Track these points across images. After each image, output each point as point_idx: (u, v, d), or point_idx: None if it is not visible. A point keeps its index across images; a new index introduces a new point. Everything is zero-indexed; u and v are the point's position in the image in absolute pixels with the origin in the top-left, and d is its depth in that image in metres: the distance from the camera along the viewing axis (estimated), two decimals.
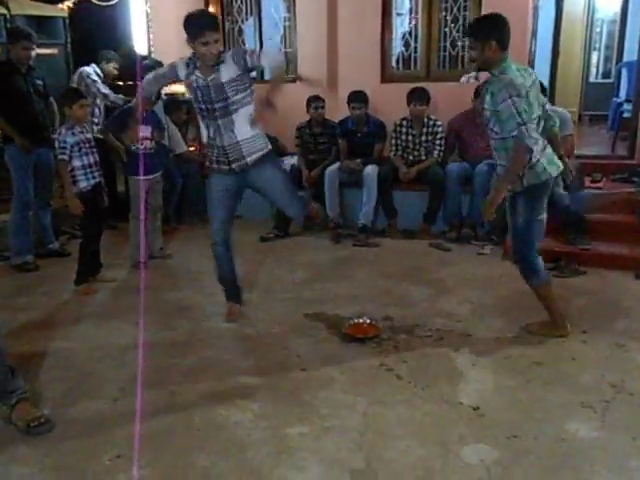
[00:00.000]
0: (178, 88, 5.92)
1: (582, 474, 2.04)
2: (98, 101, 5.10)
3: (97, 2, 6.03)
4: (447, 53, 5.47)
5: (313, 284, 3.93)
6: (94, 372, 2.82)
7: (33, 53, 4.19)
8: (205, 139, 3.20)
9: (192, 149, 5.67)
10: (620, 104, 6.21)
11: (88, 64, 5.24)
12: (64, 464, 2.16)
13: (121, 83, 6.37)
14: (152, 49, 6.14)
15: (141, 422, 2.34)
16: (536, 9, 5.15)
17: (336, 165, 5.04)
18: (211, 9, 6.28)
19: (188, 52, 3.04)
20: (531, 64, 5.22)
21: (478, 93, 4.73)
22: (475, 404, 2.47)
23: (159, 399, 2.56)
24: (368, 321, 3.22)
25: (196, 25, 2.89)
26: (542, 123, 2.90)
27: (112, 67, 5.28)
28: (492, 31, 2.78)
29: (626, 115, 5.73)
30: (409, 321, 3.28)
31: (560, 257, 4.13)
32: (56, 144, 3.66)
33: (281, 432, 2.31)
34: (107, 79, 5.28)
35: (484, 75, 5.08)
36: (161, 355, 2.97)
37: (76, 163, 3.68)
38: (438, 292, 3.74)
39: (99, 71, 5.20)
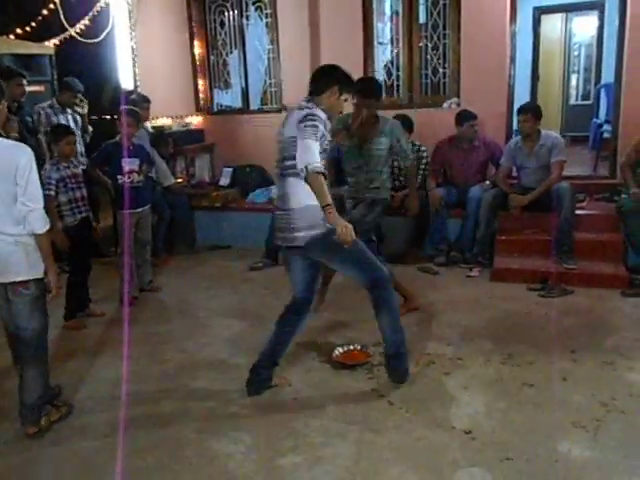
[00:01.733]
0: (165, 121, 6.03)
1: None
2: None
3: (83, 40, 6.13)
4: (429, 80, 5.61)
5: None
6: (84, 408, 2.80)
7: (26, 90, 4.24)
8: None
9: (180, 181, 5.73)
10: (600, 125, 6.36)
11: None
12: None
13: (108, 116, 6.45)
14: (138, 84, 6.24)
15: (132, 457, 2.35)
16: (514, 35, 5.31)
17: None
18: (196, 43, 6.43)
19: (174, 86, 3.08)
20: (511, 89, 5.37)
21: (462, 119, 4.83)
22: (467, 427, 2.48)
23: (151, 433, 2.55)
24: (359, 347, 3.23)
25: (354, 85, 2.87)
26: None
27: (66, 97, 4.98)
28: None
29: (606, 135, 5.86)
30: None
31: (547, 277, 4.18)
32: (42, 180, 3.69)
33: (273, 463, 2.31)
34: (66, 107, 5.00)
35: (465, 101, 5.26)
36: (151, 388, 2.97)
37: (62, 199, 3.71)
38: (428, 316, 3.76)
39: (54, 102, 4.97)
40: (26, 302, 2.47)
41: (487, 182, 4.86)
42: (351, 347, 3.24)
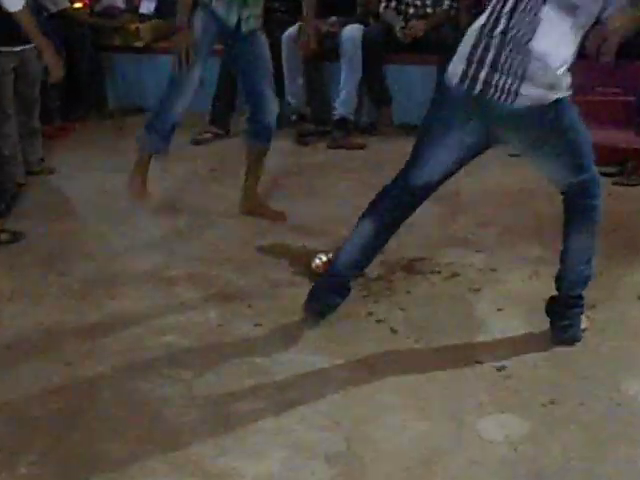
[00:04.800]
0: None
1: None
2: None
3: None
4: None
5: (269, 204, 4.01)
6: None
7: None
8: None
9: (78, 6, 5.56)
10: None
11: None
12: None
13: None
14: None
15: (28, 405, 2.48)
16: None
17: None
18: None
19: None
20: None
21: None
22: (499, 363, 2.63)
23: (51, 372, 2.66)
24: None
25: None
26: None
27: None
28: None
29: None
30: (408, 253, 3.41)
31: (627, 157, 4.25)
32: None
33: (226, 409, 2.44)
34: None
35: None
36: (48, 310, 3.07)
37: None
38: (450, 211, 3.87)
39: None
40: None
41: None
42: None
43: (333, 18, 5.03)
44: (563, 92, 2.55)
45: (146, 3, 5.95)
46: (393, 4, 5.04)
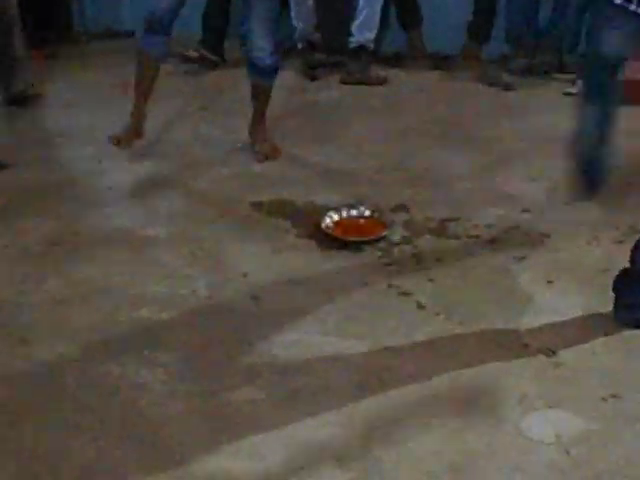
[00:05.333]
0: None
1: None
2: None
3: None
4: None
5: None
6: None
7: None
8: None
9: None
10: None
11: None
12: None
13: None
14: None
15: None
16: None
17: None
18: None
19: None
20: None
21: None
22: (550, 345, 2.61)
23: (3, 352, 2.65)
24: (367, 213, 3.31)
25: None
26: None
27: None
28: None
29: None
30: (439, 212, 3.39)
31: None
32: None
33: (216, 399, 2.43)
34: None
35: None
36: (5, 278, 3.06)
37: None
38: (492, 162, 3.83)
39: None
40: None
41: None
42: (354, 212, 3.30)
43: None
44: None
45: None
46: None
